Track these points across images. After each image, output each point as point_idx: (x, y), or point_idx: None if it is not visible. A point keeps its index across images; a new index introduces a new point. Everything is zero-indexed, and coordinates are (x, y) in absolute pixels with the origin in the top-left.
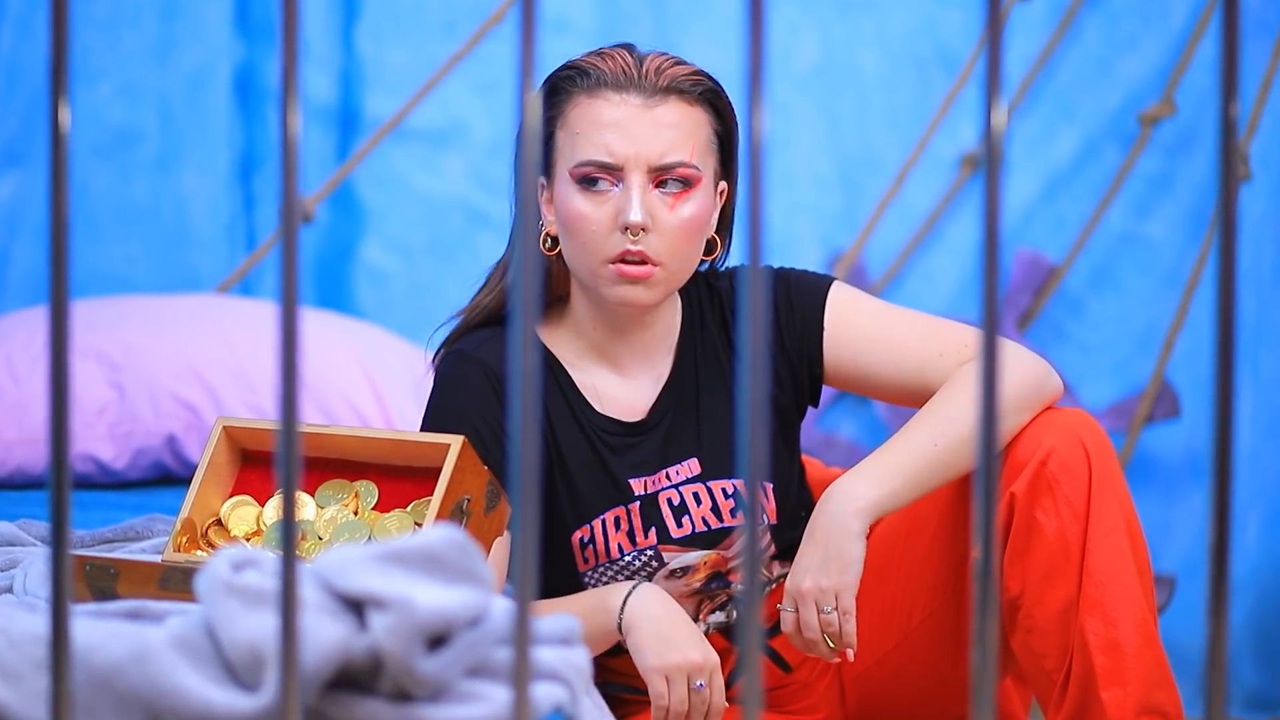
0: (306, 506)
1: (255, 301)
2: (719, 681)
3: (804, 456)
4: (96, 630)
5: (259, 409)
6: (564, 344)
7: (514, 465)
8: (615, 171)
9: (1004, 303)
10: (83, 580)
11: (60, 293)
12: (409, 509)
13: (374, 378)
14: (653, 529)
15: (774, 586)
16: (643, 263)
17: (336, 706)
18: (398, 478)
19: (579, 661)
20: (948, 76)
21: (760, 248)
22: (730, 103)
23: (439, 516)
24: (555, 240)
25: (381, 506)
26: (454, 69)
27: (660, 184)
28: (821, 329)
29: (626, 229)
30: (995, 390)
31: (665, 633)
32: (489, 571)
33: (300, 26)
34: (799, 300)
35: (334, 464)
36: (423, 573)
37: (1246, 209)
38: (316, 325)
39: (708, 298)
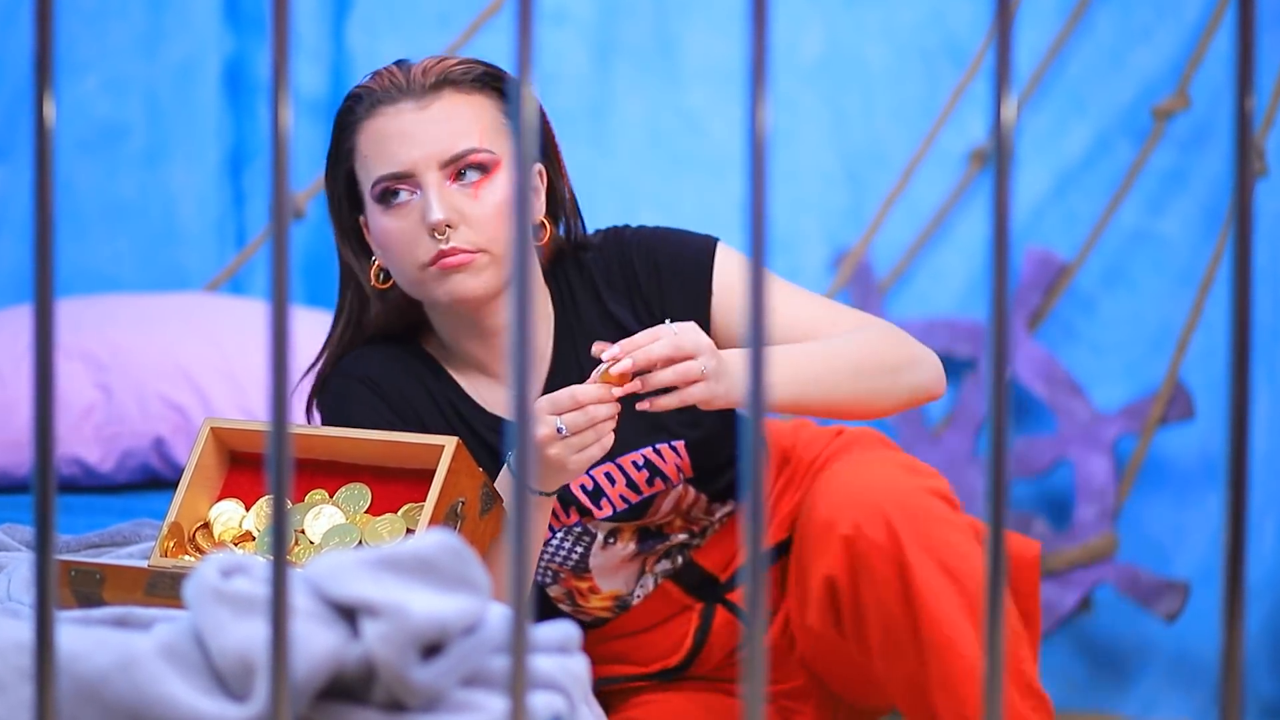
0: (321, 515)
1: (245, 300)
2: (573, 417)
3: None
4: (82, 638)
5: (249, 410)
6: (441, 356)
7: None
8: (408, 179)
9: (1014, 301)
10: (68, 586)
11: (45, 291)
12: (400, 513)
13: None
14: (572, 507)
15: (720, 528)
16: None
17: (328, 717)
18: (390, 480)
19: (577, 670)
20: (956, 69)
21: (763, 245)
22: (509, 77)
23: (433, 520)
24: (387, 271)
25: (374, 510)
26: None
27: (458, 177)
28: (709, 298)
29: (433, 231)
30: (1004, 395)
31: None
32: (485, 577)
33: (291, 18)
34: (675, 263)
35: (325, 466)
36: (417, 579)
37: (1262, 205)
38: (307, 324)
39: (576, 275)
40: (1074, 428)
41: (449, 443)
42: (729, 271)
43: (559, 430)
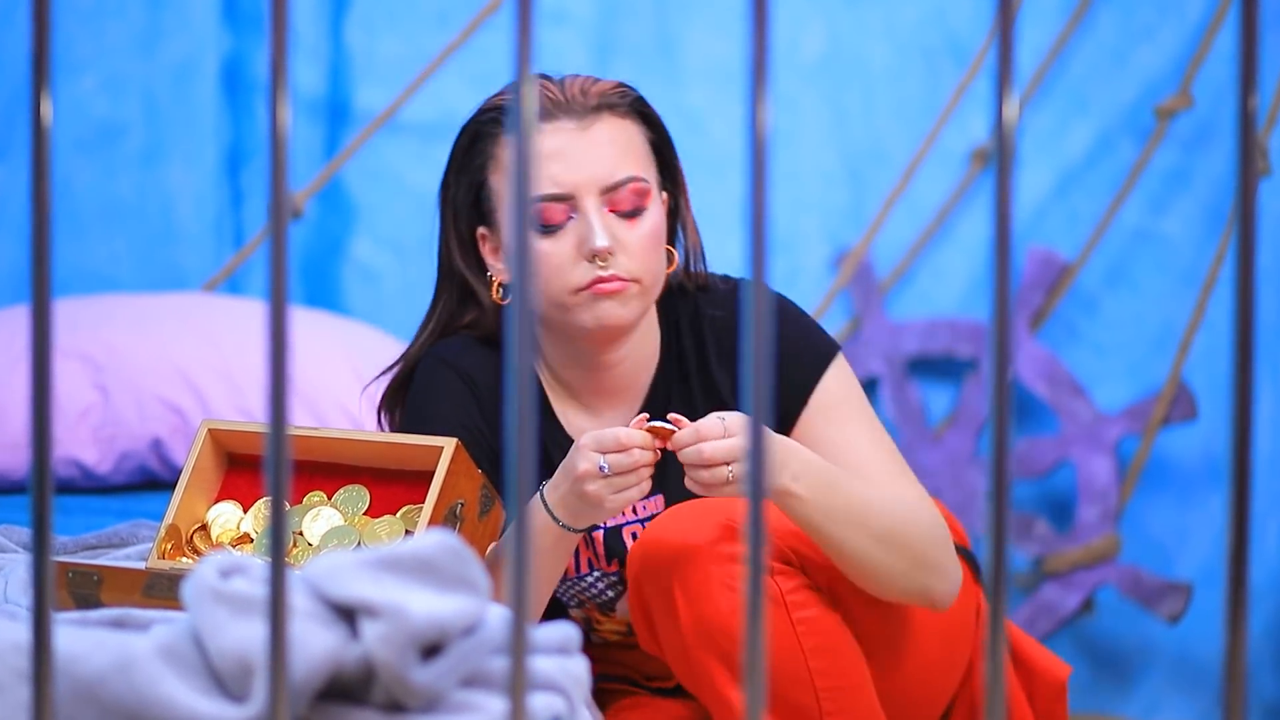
0: (319, 517)
1: (243, 300)
2: (617, 457)
3: None
4: (80, 639)
5: (247, 411)
6: (542, 373)
7: (509, 469)
8: (567, 201)
9: (1016, 301)
10: (65, 588)
11: (42, 292)
12: (399, 515)
13: (366, 379)
14: (615, 559)
15: None
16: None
17: (327, 718)
18: (389, 482)
19: (577, 671)
20: (958, 68)
21: (764, 246)
22: (655, 110)
23: (432, 521)
24: (508, 289)
25: (372, 511)
26: (448, 60)
27: (614, 205)
28: (804, 404)
29: (594, 256)
30: (1006, 395)
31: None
32: (485, 578)
33: (289, 16)
34: (787, 361)
35: (324, 468)
36: (416, 580)
37: (1266, 205)
38: (305, 325)
39: (689, 324)
40: (1076, 428)
41: (448, 444)
42: (831, 393)
43: (601, 468)
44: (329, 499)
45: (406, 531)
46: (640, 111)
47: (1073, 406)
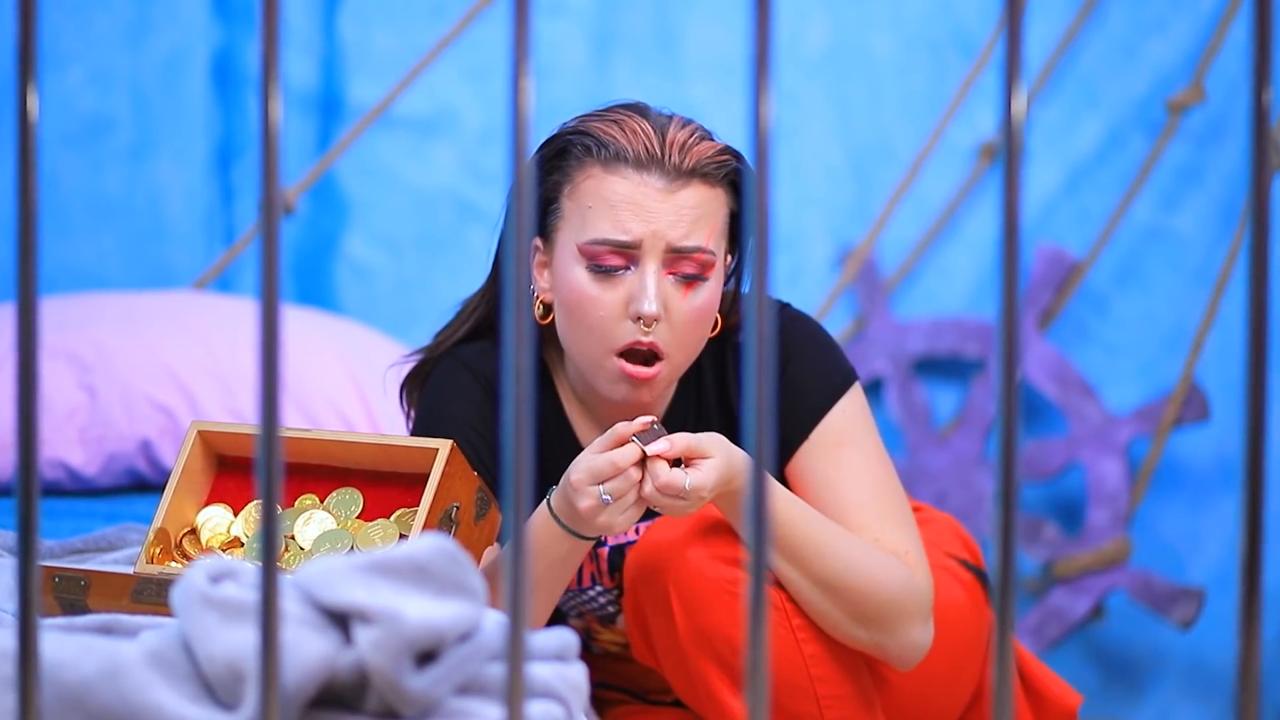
0: (312, 520)
1: (233, 298)
2: (614, 484)
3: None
4: (66, 645)
5: (238, 413)
6: (558, 374)
7: (506, 473)
8: (630, 250)
9: (1024, 300)
10: (51, 593)
11: (28, 289)
12: (394, 518)
13: (359, 379)
14: (618, 574)
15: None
16: (650, 360)
17: None
18: (383, 484)
19: (576, 678)
20: (965, 61)
21: (767, 242)
22: (748, 172)
23: (427, 525)
24: (548, 308)
25: (366, 515)
26: (442, 53)
27: (673, 268)
28: (805, 436)
29: (639, 319)
30: (1015, 396)
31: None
32: (481, 583)
33: (281, 8)
34: (798, 385)
35: (316, 470)
36: (411, 584)
37: (1279, 200)
38: (298, 323)
39: (711, 361)
40: (1086, 430)
41: (443, 446)
42: (835, 428)
43: (605, 501)
44: (321, 502)
45: (401, 535)
46: (733, 181)
47: (1082, 407)
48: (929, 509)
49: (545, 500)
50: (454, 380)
